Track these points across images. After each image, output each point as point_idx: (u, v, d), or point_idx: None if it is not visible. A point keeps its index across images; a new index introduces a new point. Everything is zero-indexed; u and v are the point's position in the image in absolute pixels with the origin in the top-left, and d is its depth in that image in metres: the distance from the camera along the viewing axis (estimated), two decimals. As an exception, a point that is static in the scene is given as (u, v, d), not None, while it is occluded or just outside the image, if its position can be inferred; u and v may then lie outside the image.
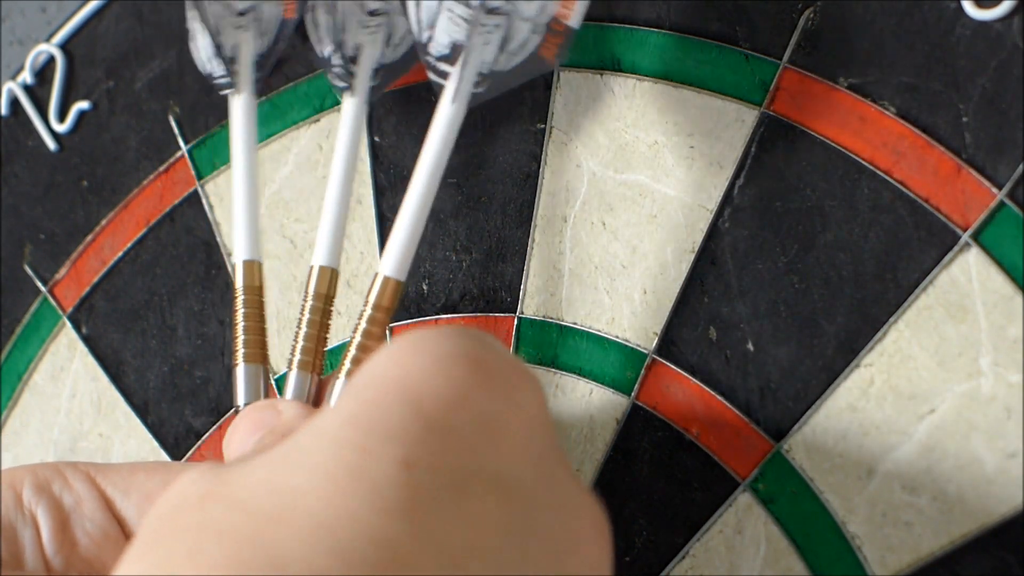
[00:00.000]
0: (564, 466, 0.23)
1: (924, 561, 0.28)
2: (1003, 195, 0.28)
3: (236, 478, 0.20)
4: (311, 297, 0.30)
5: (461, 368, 0.22)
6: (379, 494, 0.19)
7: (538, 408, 0.23)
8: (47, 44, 0.45)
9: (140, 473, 0.28)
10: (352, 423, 0.21)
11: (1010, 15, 0.28)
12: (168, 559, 0.19)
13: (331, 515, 0.19)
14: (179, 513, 0.20)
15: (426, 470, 0.20)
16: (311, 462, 0.20)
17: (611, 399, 0.32)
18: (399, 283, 0.29)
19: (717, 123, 0.32)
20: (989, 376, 0.28)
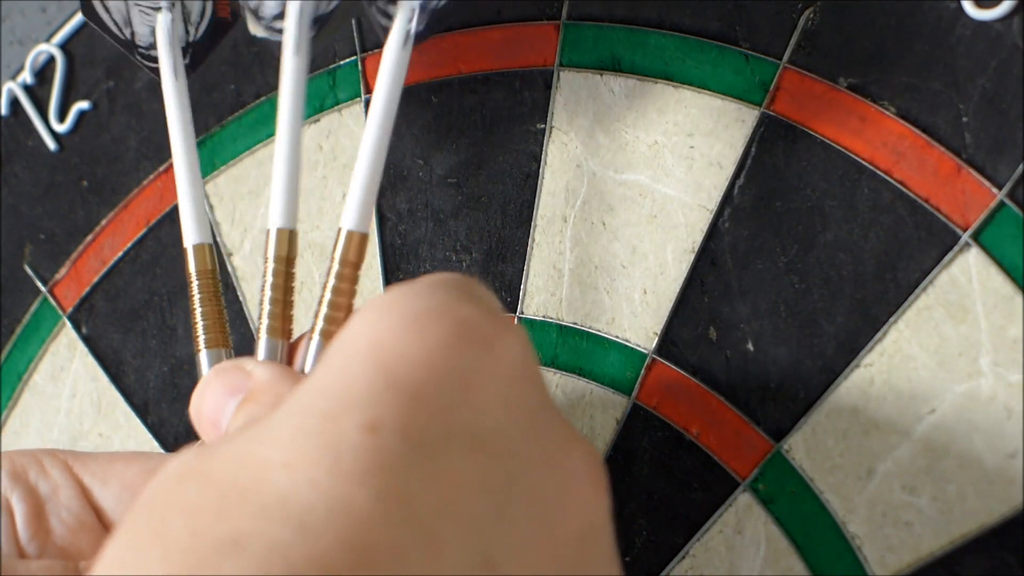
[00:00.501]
0: (554, 417, 0.22)
1: (924, 561, 0.28)
2: (1003, 195, 0.28)
3: (213, 455, 0.20)
4: (271, 260, 0.29)
5: (433, 324, 0.21)
6: (341, 460, 0.19)
7: (520, 358, 0.22)
8: (47, 44, 0.45)
9: (119, 462, 0.28)
10: (320, 391, 0.20)
11: (1010, 15, 0.28)
12: (137, 538, 0.19)
13: (293, 486, 0.18)
14: (158, 494, 0.20)
15: (392, 433, 0.19)
16: (279, 434, 0.20)
17: (611, 399, 0.32)
18: (363, 236, 0.28)
19: (717, 123, 0.32)
20: (989, 376, 0.28)
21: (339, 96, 0.38)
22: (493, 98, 0.36)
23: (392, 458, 0.19)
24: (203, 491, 0.19)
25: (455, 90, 0.36)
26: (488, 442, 0.20)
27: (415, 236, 0.36)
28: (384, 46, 0.30)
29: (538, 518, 0.20)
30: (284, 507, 0.18)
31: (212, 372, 0.27)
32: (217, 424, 0.26)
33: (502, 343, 0.22)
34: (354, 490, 0.18)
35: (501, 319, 0.22)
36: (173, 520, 0.19)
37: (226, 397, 0.26)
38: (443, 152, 0.36)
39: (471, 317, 0.22)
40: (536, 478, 0.20)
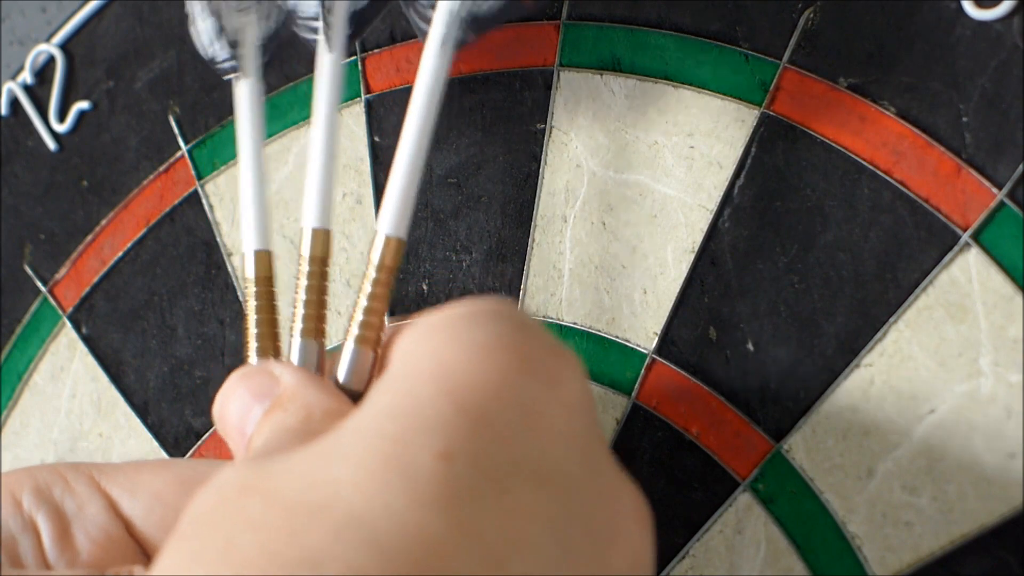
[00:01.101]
0: (605, 452, 0.23)
1: (924, 561, 0.28)
2: (1003, 195, 0.28)
3: (274, 471, 0.20)
4: (306, 261, 0.29)
5: (499, 356, 0.21)
6: (417, 487, 0.19)
7: (580, 392, 0.22)
8: (47, 44, 0.45)
9: (145, 472, 0.27)
10: (389, 415, 0.20)
11: (1010, 15, 0.28)
12: (203, 551, 0.19)
13: (368, 509, 0.18)
14: (217, 506, 0.20)
15: (466, 462, 0.19)
16: (348, 456, 0.20)
17: (611, 399, 0.32)
18: (400, 241, 0.28)
19: (717, 123, 0.32)
20: (989, 376, 0.28)
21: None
22: (493, 98, 0.36)
23: (465, 487, 0.19)
24: (269, 508, 0.19)
25: (455, 90, 0.36)
26: (552, 476, 0.20)
27: (415, 236, 0.36)
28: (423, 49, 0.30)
29: (593, 552, 0.20)
30: (359, 529, 0.18)
31: (236, 375, 0.26)
32: (243, 431, 0.25)
33: (565, 379, 0.22)
34: (429, 517, 0.18)
35: (563, 353, 0.23)
36: (241, 536, 0.19)
37: (252, 402, 0.25)
38: (443, 152, 0.36)
39: (536, 351, 0.22)
40: (592, 513, 0.21)
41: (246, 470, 0.21)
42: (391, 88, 0.37)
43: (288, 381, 0.26)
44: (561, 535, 0.20)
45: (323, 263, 0.29)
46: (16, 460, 0.43)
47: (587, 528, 0.20)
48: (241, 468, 0.21)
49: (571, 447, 0.21)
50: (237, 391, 0.26)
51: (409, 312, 0.36)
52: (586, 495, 0.21)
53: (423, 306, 0.36)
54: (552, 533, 0.20)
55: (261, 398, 0.25)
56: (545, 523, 0.20)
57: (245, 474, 0.20)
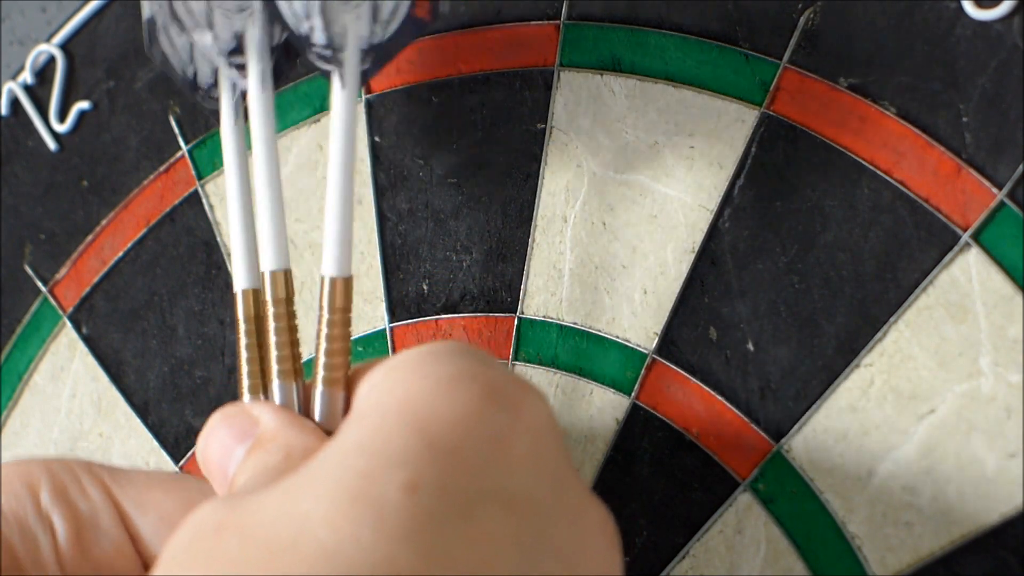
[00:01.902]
0: (573, 476, 0.23)
1: (924, 561, 0.28)
2: (1003, 195, 0.28)
3: (249, 509, 0.21)
4: (271, 304, 0.29)
5: (465, 388, 0.22)
6: (384, 520, 0.19)
7: (545, 422, 0.23)
8: (47, 44, 0.45)
9: (157, 490, 0.28)
10: (357, 450, 0.21)
11: (1010, 15, 0.28)
12: None
13: (337, 542, 0.19)
14: (194, 543, 0.20)
15: (432, 493, 0.20)
16: (318, 490, 0.20)
17: (611, 399, 0.32)
18: (347, 280, 0.28)
19: (717, 123, 0.32)
20: (989, 376, 0.28)
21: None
22: (493, 98, 0.36)
23: (432, 517, 0.20)
24: (244, 545, 0.20)
25: (455, 90, 0.36)
26: (519, 501, 0.21)
27: (415, 236, 0.36)
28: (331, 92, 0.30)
29: (562, 570, 0.21)
30: (330, 563, 0.19)
31: (217, 417, 0.27)
32: (225, 471, 0.26)
33: (528, 406, 0.23)
34: (398, 549, 0.19)
35: (524, 383, 0.23)
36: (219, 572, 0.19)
37: (233, 443, 0.26)
38: (443, 152, 0.36)
39: (498, 381, 0.23)
40: (560, 534, 0.21)
41: (222, 507, 0.21)
42: (391, 88, 0.37)
43: (268, 422, 0.26)
44: (529, 557, 0.20)
45: (288, 303, 0.29)
46: (16, 460, 0.43)
47: (555, 549, 0.21)
48: (218, 506, 0.21)
49: (538, 472, 0.22)
50: (218, 433, 0.26)
51: (409, 312, 0.36)
52: (553, 517, 0.21)
53: (423, 306, 0.36)
54: (520, 555, 0.20)
55: (242, 439, 0.26)
56: (513, 546, 0.20)
57: (221, 512, 0.21)
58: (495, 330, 0.35)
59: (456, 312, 0.35)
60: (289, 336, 0.29)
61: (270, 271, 0.29)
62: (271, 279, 0.29)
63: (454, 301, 0.35)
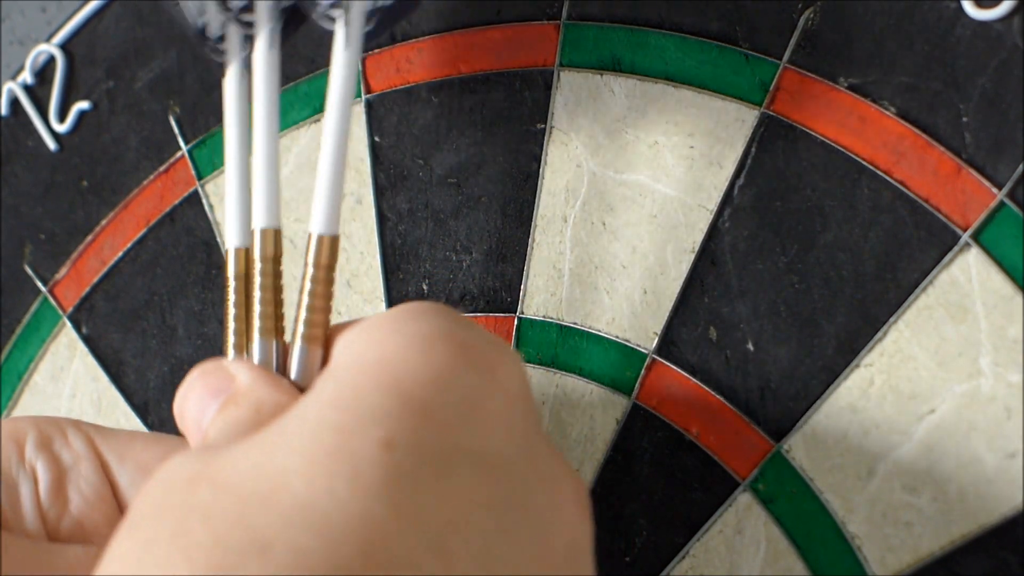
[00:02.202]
0: (544, 441, 0.23)
1: (924, 561, 0.28)
2: (1003, 195, 0.28)
3: (223, 461, 0.21)
4: (258, 261, 0.29)
5: (441, 347, 0.22)
6: (360, 474, 0.19)
7: (519, 384, 0.23)
8: (47, 44, 0.45)
9: (138, 442, 0.28)
10: (333, 405, 0.21)
11: (1010, 15, 0.28)
12: (154, 539, 0.19)
13: (313, 496, 0.19)
14: (167, 495, 0.21)
15: (407, 450, 0.20)
16: (295, 445, 0.20)
17: (611, 399, 0.32)
18: (334, 238, 0.29)
19: (717, 123, 0.32)
20: (989, 376, 0.28)
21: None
22: (493, 98, 0.36)
23: (407, 474, 0.20)
24: (219, 496, 0.20)
25: (455, 90, 0.36)
26: (492, 461, 0.21)
27: (415, 236, 0.36)
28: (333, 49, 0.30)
29: (532, 533, 0.21)
30: (306, 515, 0.19)
31: (196, 373, 0.27)
32: (200, 426, 0.26)
33: (503, 367, 0.23)
34: (373, 504, 0.19)
35: (500, 343, 0.24)
36: (192, 523, 0.19)
37: (208, 399, 0.26)
38: (443, 152, 0.36)
39: (475, 341, 0.23)
40: (531, 496, 0.21)
41: (195, 460, 0.21)
42: (391, 88, 0.37)
43: (243, 379, 0.26)
44: (500, 517, 0.20)
45: (275, 262, 0.29)
46: (16, 460, 0.43)
47: (526, 510, 0.21)
48: (190, 458, 0.21)
49: (510, 433, 0.22)
50: (195, 389, 0.27)
51: (409, 312, 0.36)
52: (525, 479, 0.21)
53: (423, 306, 0.36)
54: (491, 515, 0.20)
55: (217, 394, 0.26)
56: (484, 505, 0.20)
57: (194, 464, 0.21)
58: (495, 330, 0.35)
59: (456, 312, 0.35)
60: (273, 295, 0.29)
61: (260, 228, 0.29)
62: (261, 236, 0.29)
63: (454, 301, 0.35)
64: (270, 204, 0.29)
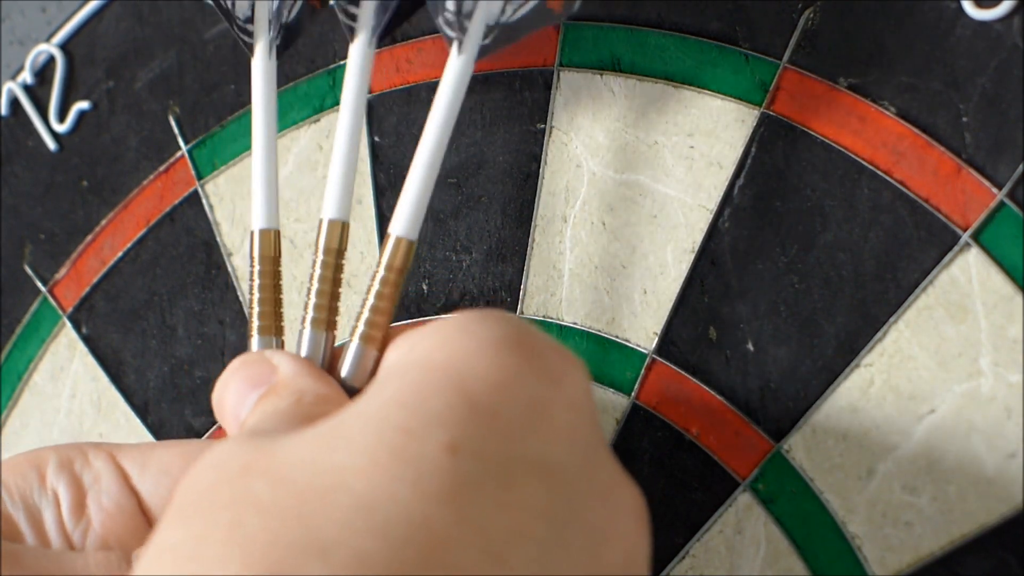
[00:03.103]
0: (606, 451, 0.23)
1: (924, 561, 0.28)
2: (1003, 195, 0.28)
3: (279, 453, 0.20)
4: (322, 252, 0.29)
5: (507, 353, 0.22)
6: (424, 478, 0.19)
7: (583, 393, 0.23)
8: (47, 44, 0.45)
9: (158, 448, 0.28)
10: (397, 404, 0.21)
11: (1010, 15, 0.28)
12: (209, 529, 0.19)
13: (375, 497, 0.19)
14: (220, 484, 0.20)
15: (471, 456, 0.20)
16: (356, 442, 0.20)
17: (611, 399, 0.32)
18: (411, 243, 0.28)
19: (717, 123, 0.32)
20: (989, 376, 0.28)
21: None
22: (493, 98, 0.36)
23: (470, 481, 0.20)
24: (276, 491, 0.19)
25: (455, 90, 0.36)
26: (554, 472, 0.21)
27: (415, 236, 0.36)
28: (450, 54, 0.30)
29: (589, 546, 0.21)
30: (367, 517, 0.19)
31: (237, 362, 0.27)
32: (238, 417, 0.26)
33: (569, 378, 0.22)
34: (434, 509, 0.19)
35: (567, 353, 0.23)
36: (247, 518, 0.19)
37: (248, 389, 0.26)
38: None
39: (543, 350, 0.23)
40: (589, 509, 0.21)
41: (246, 448, 0.21)
42: (391, 88, 0.37)
43: (285, 370, 0.26)
44: (559, 530, 0.20)
45: (339, 255, 0.29)
46: (16, 460, 0.43)
47: (585, 524, 0.21)
48: (241, 446, 0.21)
49: (573, 444, 0.22)
50: (236, 379, 0.26)
51: (408, 312, 0.36)
52: (585, 491, 0.21)
53: (423, 306, 0.36)
54: (551, 527, 0.20)
55: (257, 385, 0.26)
56: (545, 518, 0.20)
57: (246, 452, 0.21)
58: (495, 330, 0.35)
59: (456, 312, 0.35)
60: (332, 288, 0.29)
61: (329, 219, 0.29)
62: (328, 228, 0.29)
63: (454, 301, 0.35)
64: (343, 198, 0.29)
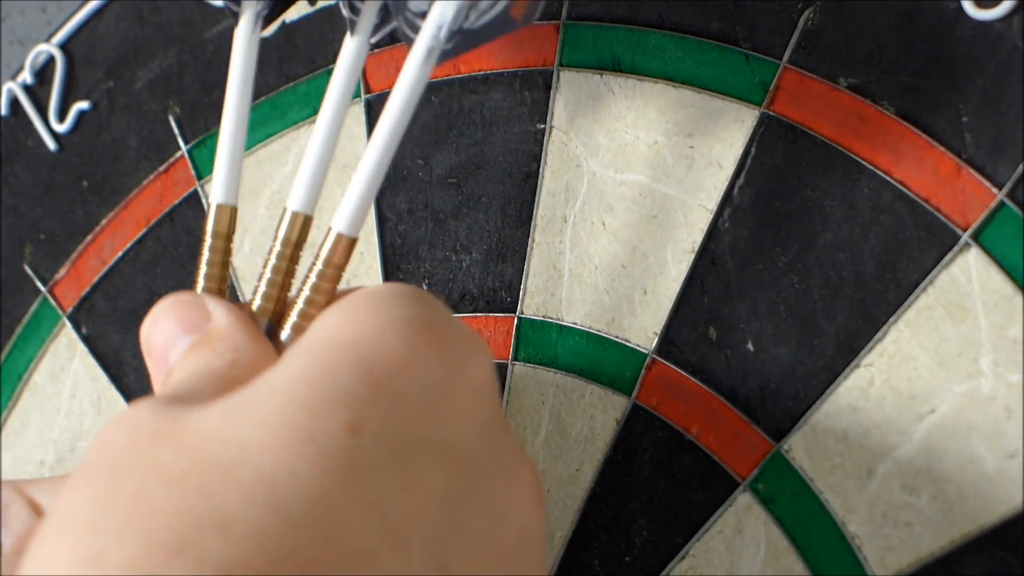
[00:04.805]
0: (505, 432, 0.23)
1: (924, 561, 0.28)
2: (1003, 195, 0.28)
3: (189, 422, 0.20)
4: (279, 243, 0.29)
5: (414, 333, 0.22)
6: (324, 456, 0.19)
7: (486, 376, 0.23)
8: (47, 44, 0.45)
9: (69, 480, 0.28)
10: (303, 380, 0.21)
11: (1010, 15, 0.28)
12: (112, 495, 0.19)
13: (275, 473, 0.19)
14: (128, 448, 0.20)
15: (372, 435, 0.20)
16: (261, 416, 0.20)
17: (611, 399, 0.32)
18: (352, 240, 0.28)
19: (717, 123, 0.32)
20: (989, 376, 0.28)
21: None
22: (493, 98, 0.36)
23: (371, 461, 0.20)
24: (181, 460, 0.19)
25: (455, 90, 0.36)
26: (455, 453, 0.21)
27: (415, 236, 0.36)
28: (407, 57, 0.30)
29: (487, 525, 0.21)
30: (267, 493, 0.19)
31: (170, 300, 0.26)
32: (166, 358, 0.25)
33: (473, 359, 0.23)
34: (335, 489, 0.19)
35: (472, 336, 0.24)
36: (152, 488, 0.19)
37: (180, 332, 0.25)
38: (443, 152, 0.36)
39: (449, 331, 0.23)
40: (489, 488, 0.22)
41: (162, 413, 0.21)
42: (391, 88, 0.37)
43: (220, 319, 0.25)
44: (457, 509, 0.21)
45: (296, 247, 0.29)
46: (16, 460, 0.43)
47: (482, 503, 0.21)
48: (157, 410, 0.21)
49: (474, 426, 0.22)
50: (167, 317, 0.25)
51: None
52: (484, 472, 0.22)
53: (423, 306, 0.36)
54: (448, 507, 0.20)
55: (190, 330, 0.25)
56: (443, 498, 0.20)
57: (160, 418, 0.21)
58: (495, 330, 0.35)
59: (456, 312, 0.35)
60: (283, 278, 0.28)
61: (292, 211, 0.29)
62: (290, 219, 0.29)
63: (454, 301, 0.35)
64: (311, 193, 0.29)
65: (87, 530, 0.19)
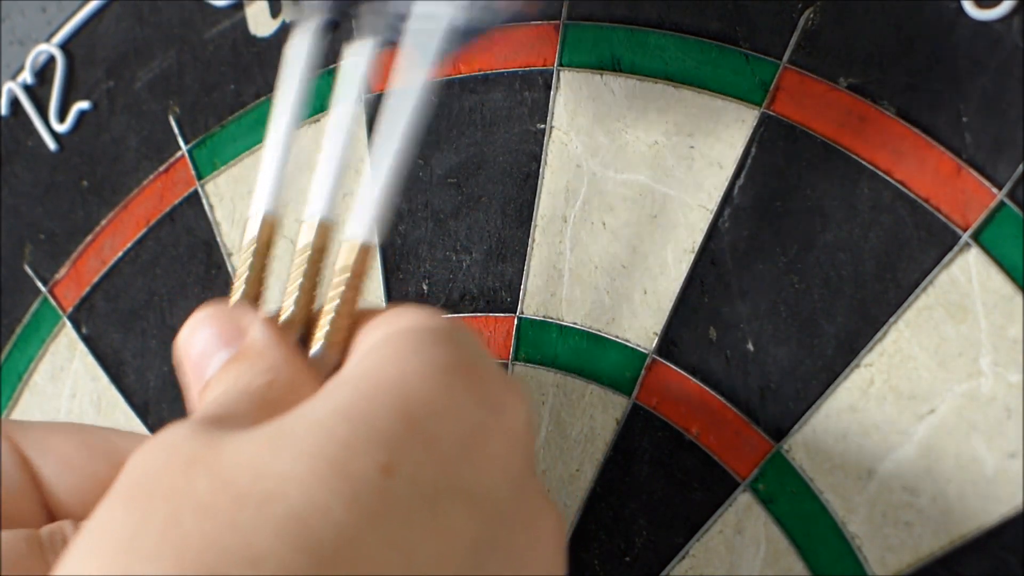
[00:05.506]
0: (534, 480, 0.24)
1: (924, 561, 0.28)
2: (1003, 195, 0.28)
3: (227, 450, 0.20)
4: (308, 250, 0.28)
5: (454, 376, 0.22)
6: (357, 496, 0.19)
7: (523, 425, 0.23)
8: (47, 44, 0.45)
9: (57, 434, 0.27)
10: (342, 416, 0.21)
11: (1010, 15, 0.28)
12: (147, 520, 0.19)
13: (308, 511, 0.19)
14: (165, 471, 0.20)
15: (407, 479, 0.20)
16: (297, 449, 0.20)
17: (611, 399, 0.32)
18: (372, 247, 0.28)
19: (717, 123, 0.32)
20: (989, 376, 0.28)
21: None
22: (493, 98, 0.36)
23: (402, 505, 0.20)
24: (216, 491, 0.20)
25: (455, 90, 0.36)
26: (484, 502, 0.21)
27: (415, 236, 0.36)
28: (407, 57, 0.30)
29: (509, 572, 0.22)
30: (299, 532, 0.19)
31: (207, 313, 0.26)
32: (201, 371, 0.25)
33: (511, 406, 0.23)
34: (366, 530, 0.19)
35: (512, 383, 0.24)
36: (186, 516, 0.19)
37: (216, 346, 0.25)
38: (443, 152, 0.36)
39: (490, 377, 0.23)
40: (515, 538, 0.22)
41: (200, 439, 0.21)
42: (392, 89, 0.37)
43: (256, 334, 0.25)
44: (482, 557, 0.21)
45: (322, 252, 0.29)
46: (16, 460, 0.43)
47: (507, 551, 0.22)
48: (194, 433, 0.21)
49: (506, 474, 0.22)
50: (203, 330, 0.25)
51: (409, 312, 0.36)
52: (511, 521, 0.22)
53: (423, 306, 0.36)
54: (474, 555, 0.21)
55: (227, 344, 0.25)
56: (470, 546, 0.21)
57: (198, 444, 0.21)
58: (495, 330, 0.35)
59: (456, 312, 0.35)
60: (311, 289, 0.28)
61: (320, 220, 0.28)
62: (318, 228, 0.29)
63: (454, 301, 0.35)
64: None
65: (120, 552, 0.19)
